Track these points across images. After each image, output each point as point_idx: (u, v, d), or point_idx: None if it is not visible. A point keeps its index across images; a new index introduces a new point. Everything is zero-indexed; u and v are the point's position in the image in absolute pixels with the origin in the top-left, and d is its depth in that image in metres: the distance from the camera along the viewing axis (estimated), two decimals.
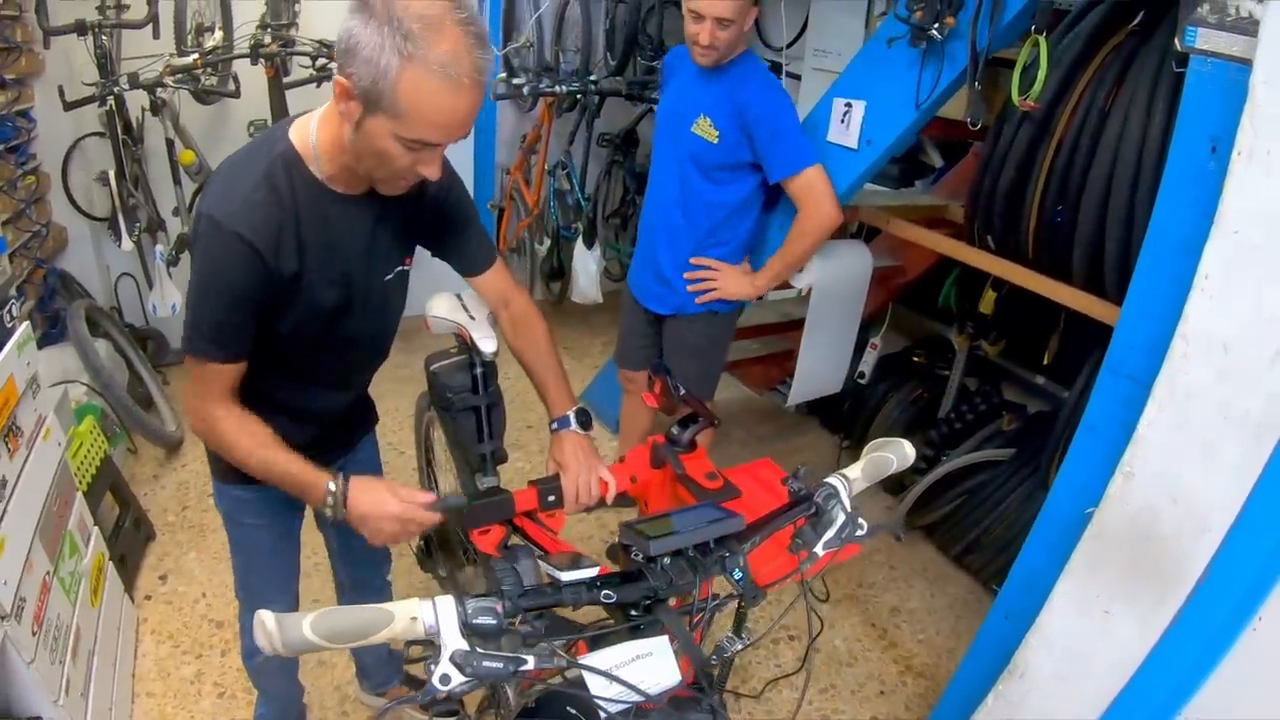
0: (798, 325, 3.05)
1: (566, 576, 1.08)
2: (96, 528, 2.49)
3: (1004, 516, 2.87)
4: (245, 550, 1.87)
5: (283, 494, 1.67)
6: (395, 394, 3.98)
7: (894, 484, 3.32)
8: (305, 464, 1.47)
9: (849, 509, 1.28)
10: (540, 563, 1.13)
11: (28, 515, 1.99)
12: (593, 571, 1.10)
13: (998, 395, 3.38)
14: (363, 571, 2.17)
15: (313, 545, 2.07)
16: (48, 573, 2.04)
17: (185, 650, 2.64)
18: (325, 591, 2.34)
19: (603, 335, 4.89)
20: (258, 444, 1.47)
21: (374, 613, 0.97)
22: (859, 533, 1.28)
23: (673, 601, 1.18)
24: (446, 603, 0.99)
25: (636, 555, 1.15)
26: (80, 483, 2.55)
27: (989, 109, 2.33)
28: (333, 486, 1.44)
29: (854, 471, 1.35)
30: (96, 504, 2.71)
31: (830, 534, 1.26)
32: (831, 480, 1.31)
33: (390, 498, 1.44)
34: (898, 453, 1.40)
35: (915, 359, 3.72)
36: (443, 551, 2.55)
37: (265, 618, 0.93)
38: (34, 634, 1.87)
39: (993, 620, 2.11)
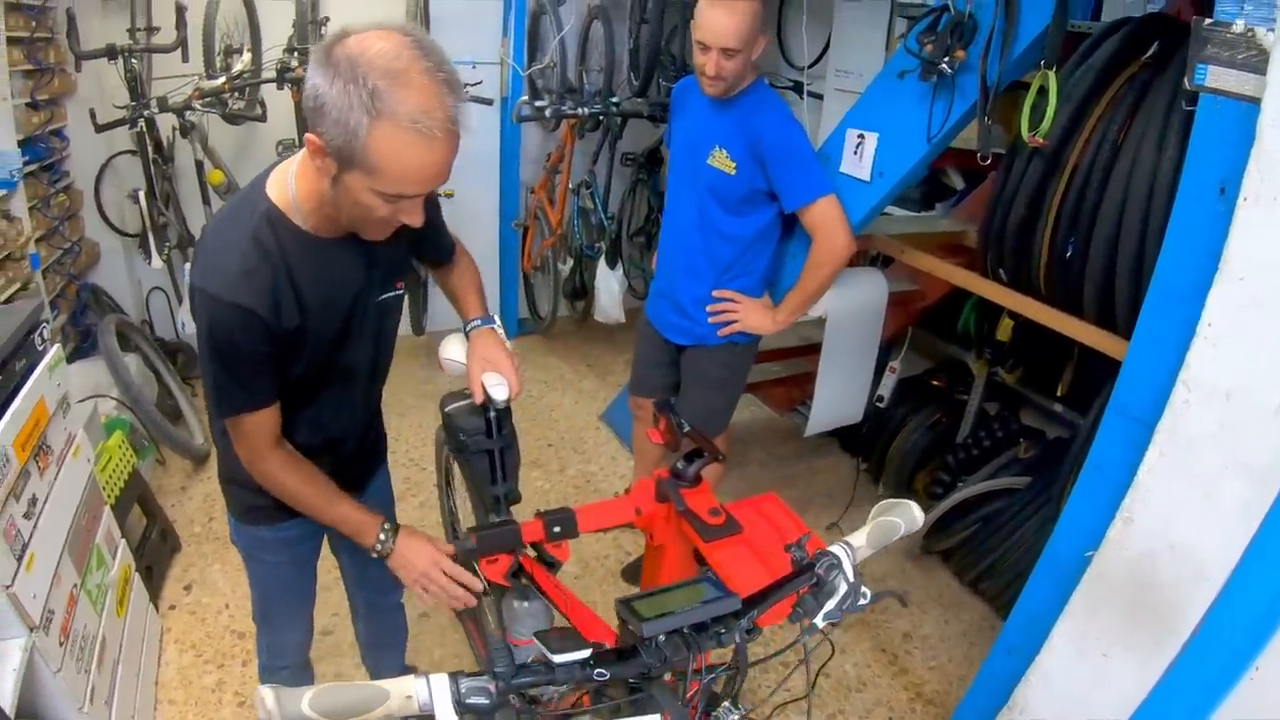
0: (818, 348, 3.06)
1: (559, 659, 1.10)
2: (124, 540, 2.55)
3: (1019, 545, 2.85)
4: (264, 584, 1.93)
5: (300, 533, 1.77)
6: (419, 409, 4.05)
7: None
8: (361, 510, 1.59)
9: (851, 578, 1.27)
10: (536, 640, 1.14)
11: (57, 530, 2.05)
12: (585, 653, 1.11)
13: (1016, 421, 3.36)
14: (376, 595, 2.21)
15: (332, 561, 2.11)
16: (75, 585, 2.10)
17: (207, 660, 2.70)
18: (343, 606, 2.38)
19: (625, 354, 4.90)
20: (316, 491, 1.57)
21: (370, 690, 1.00)
22: (862, 601, 1.27)
23: (668, 676, 1.20)
24: (441, 681, 1.02)
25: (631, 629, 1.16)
26: (109, 496, 2.61)
27: (1008, 130, 2.32)
28: (380, 540, 1.59)
29: (858, 539, 1.34)
30: (124, 516, 2.78)
31: (831, 604, 1.25)
32: (834, 550, 1.29)
33: (434, 570, 1.60)
34: (905, 516, 1.38)
35: (934, 383, 3.70)
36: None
37: (265, 695, 0.95)
38: (61, 644, 1.93)
39: (995, 655, 2.11)
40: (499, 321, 1.89)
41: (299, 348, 1.48)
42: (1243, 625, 1.45)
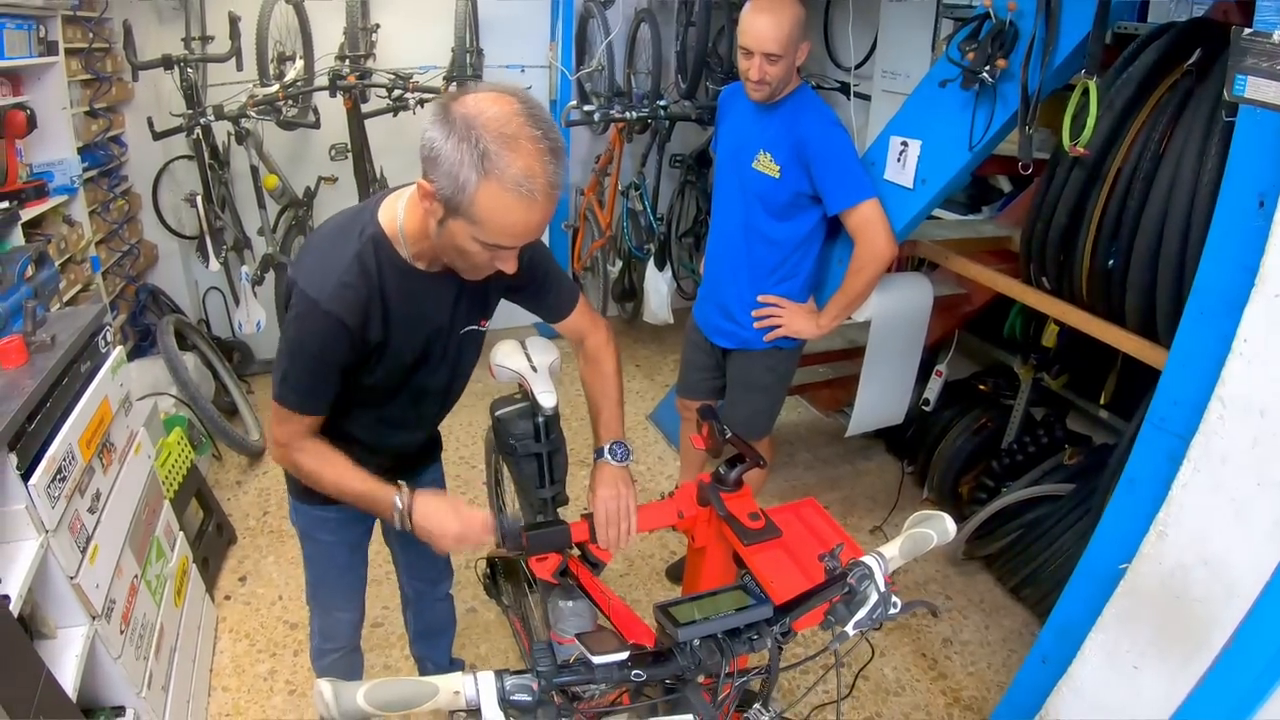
0: (864, 351, 3.07)
1: (599, 659, 1.15)
2: (181, 533, 2.66)
3: (1061, 552, 2.83)
4: (318, 564, 2.01)
5: (355, 513, 1.82)
6: (470, 408, 4.07)
7: (956, 514, 3.30)
8: (375, 482, 1.59)
9: (882, 588, 1.29)
10: (578, 640, 1.20)
11: (119, 524, 2.16)
12: (623, 655, 1.17)
13: (1062, 427, 3.32)
14: (426, 585, 2.29)
15: (384, 555, 2.19)
16: (136, 576, 2.21)
17: (260, 649, 2.80)
18: (394, 599, 2.47)
19: (673, 354, 4.95)
20: (332, 470, 1.61)
21: (421, 685, 1.05)
22: (892, 611, 1.29)
23: (702, 678, 1.24)
24: (487, 678, 1.07)
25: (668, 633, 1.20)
26: (167, 490, 2.73)
27: (1055, 133, 2.30)
28: (399, 503, 1.56)
29: (891, 549, 1.36)
30: (182, 510, 2.90)
31: (862, 613, 1.28)
32: (867, 560, 1.31)
33: (452, 519, 1.55)
34: (938, 528, 1.40)
35: (981, 387, 3.68)
36: (508, 580, 2.65)
37: (324, 689, 1.01)
38: (121, 632, 2.03)
39: (1031, 663, 2.12)
40: (632, 454, 1.84)
41: (377, 360, 1.57)
42: (1273, 643, 1.44)
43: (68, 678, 1.75)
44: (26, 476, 1.72)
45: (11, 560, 1.69)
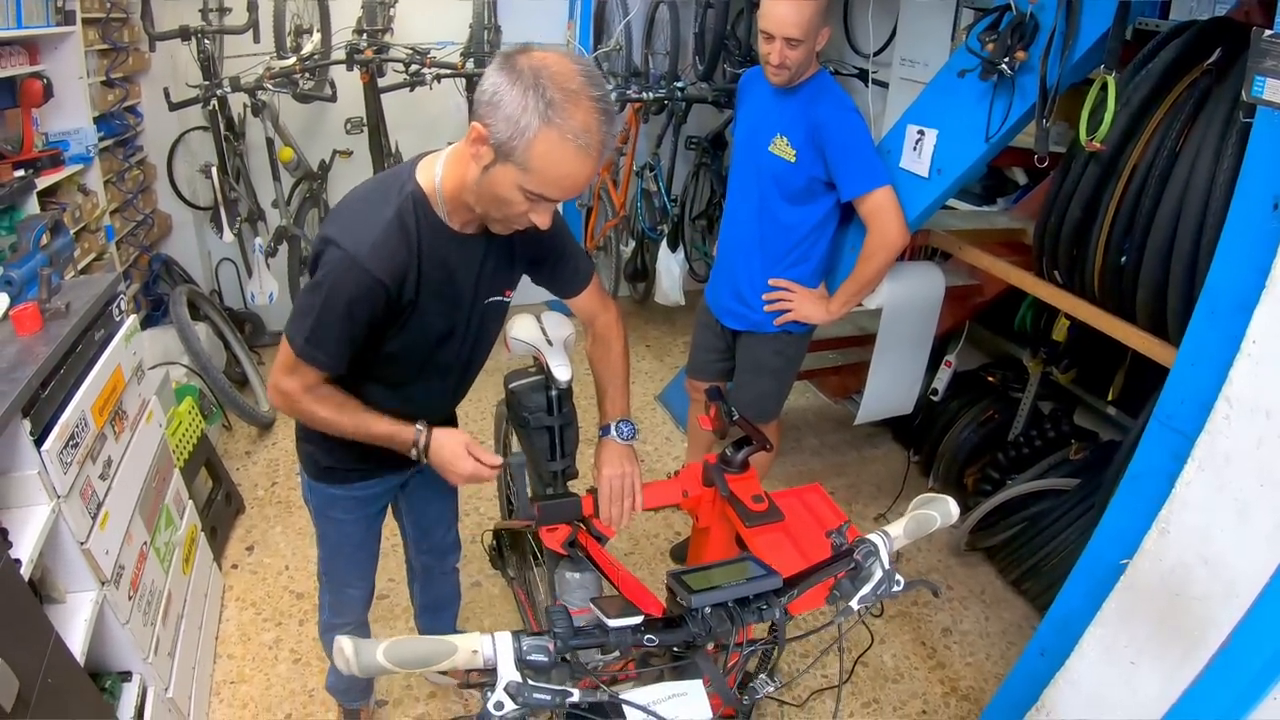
0: (875, 339, 3.08)
1: (613, 623, 1.17)
2: (191, 501, 2.69)
3: (1063, 547, 2.84)
4: (332, 542, 2.03)
5: (370, 493, 1.88)
6: (478, 386, 4.08)
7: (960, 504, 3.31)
8: (392, 421, 1.65)
9: (887, 565, 1.32)
10: (591, 605, 1.22)
11: (129, 491, 2.19)
12: (637, 619, 1.19)
13: (1068, 422, 3.33)
14: (434, 558, 2.32)
15: (390, 526, 2.21)
16: (145, 543, 2.24)
17: (266, 618, 2.84)
18: (399, 572, 2.50)
19: (684, 335, 4.96)
20: (350, 416, 1.65)
21: (440, 644, 1.07)
22: (895, 589, 1.32)
23: (710, 646, 1.26)
24: (505, 639, 1.09)
25: (680, 601, 1.23)
26: (178, 459, 2.76)
27: (1072, 126, 2.29)
28: (420, 439, 1.65)
29: (895, 529, 1.39)
30: (192, 479, 2.93)
31: (867, 589, 1.31)
32: (872, 537, 1.34)
33: (464, 457, 1.64)
34: (942, 510, 1.42)
35: (989, 379, 3.67)
36: (514, 552, 2.68)
37: (344, 644, 1.03)
38: (130, 598, 2.06)
39: (1029, 655, 2.13)
40: (638, 432, 1.90)
41: (404, 323, 1.59)
42: (1270, 643, 1.45)
43: (76, 642, 1.77)
44: (40, 442, 1.74)
45: (23, 525, 1.71)
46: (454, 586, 2.44)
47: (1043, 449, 3.25)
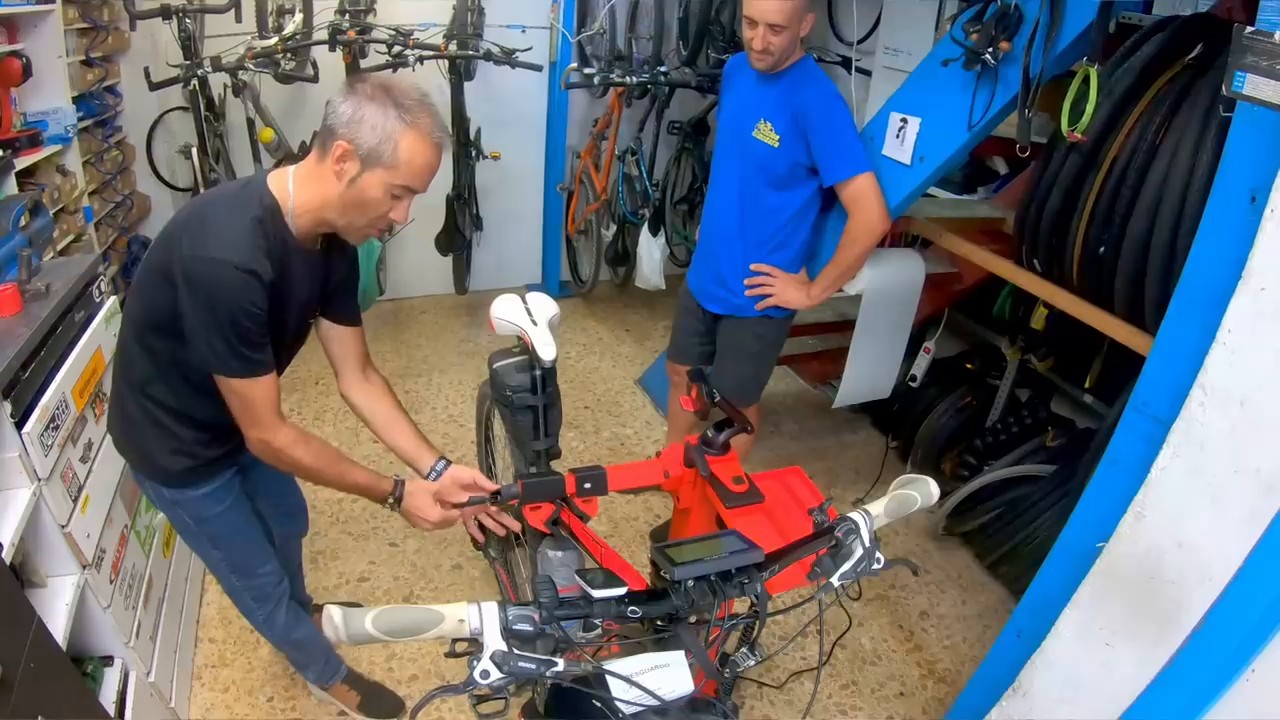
0: (854, 324, 3.10)
1: (598, 593, 1.19)
2: None
3: (1039, 532, 2.88)
4: (224, 536, 1.99)
5: (231, 474, 1.93)
6: (459, 367, 4.13)
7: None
8: (369, 472, 1.82)
9: (867, 543, 1.35)
10: (576, 576, 1.24)
11: (110, 474, 2.17)
12: (621, 590, 1.21)
13: (1045, 409, 3.37)
14: (291, 526, 2.37)
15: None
16: (126, 526, 2.23)
17: None
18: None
19: (664, 320, 4.97)
20: (333, 466, 1.78)
21: (427, 613, 1.09)
22: (875, 566, 1.35)
23: (693, 619, 1.28)
24: (491, 609, 1.11)
25: (663, 574, 1.25)
26: None
27: (1053, 118, 2.32)
28: (398, 490, 1.83)
29: (876, 508, 1.42)
30: None
31: (847, 566, 1.34)
32: (853, 515, 1.37)
33: (433, 506, 1.83)
34: (922, 491, 1.45)
35: (967, 366, 3.71)
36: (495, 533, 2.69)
37: (333, 614, 1.06)
38: (111, 582, 2.05)
39: (1006, 636, 2.16)
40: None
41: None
42: (1242, 626, 1.48)
43: (58, 626, 1.76)
44: (20, 425, 1.74)
45: (4, 508, 1.71)
46: (300, 554, 2.50)
47: (1020, 435, 3.29)
